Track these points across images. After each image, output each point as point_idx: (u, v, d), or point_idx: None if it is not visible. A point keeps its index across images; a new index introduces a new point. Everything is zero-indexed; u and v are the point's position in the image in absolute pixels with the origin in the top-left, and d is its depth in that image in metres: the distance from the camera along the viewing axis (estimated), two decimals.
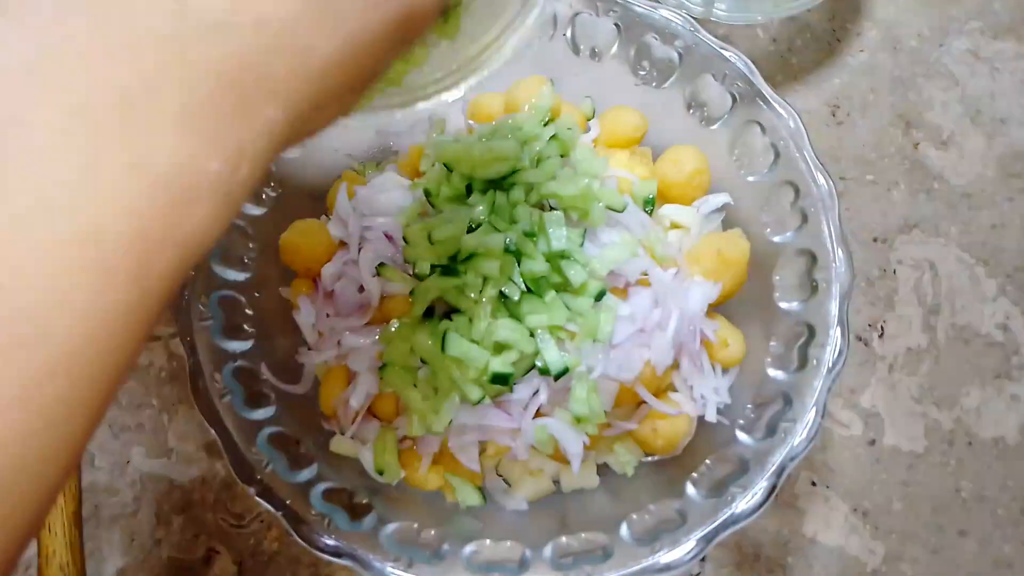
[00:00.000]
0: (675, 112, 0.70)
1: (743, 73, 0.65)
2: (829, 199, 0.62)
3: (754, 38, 0.90)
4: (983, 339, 0.79)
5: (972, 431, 0.76)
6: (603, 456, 0.66)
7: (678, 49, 0.67)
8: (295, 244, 0.66)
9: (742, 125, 0.66)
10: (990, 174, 0.85)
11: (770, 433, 0.58)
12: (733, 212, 0.68)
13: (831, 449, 0.76)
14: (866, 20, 0.91)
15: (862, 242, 0.82)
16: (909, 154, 0.86)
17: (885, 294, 0.81)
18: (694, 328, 0.63)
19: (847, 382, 0.78)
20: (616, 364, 0.60)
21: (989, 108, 0.87)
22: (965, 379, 0.78)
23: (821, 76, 0.88)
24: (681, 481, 0.60)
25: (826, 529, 0.73)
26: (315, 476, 0.59)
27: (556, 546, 0.57)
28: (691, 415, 0.63)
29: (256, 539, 0.73)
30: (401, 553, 0.55)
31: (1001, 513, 0.74)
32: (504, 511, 0.65)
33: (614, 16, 0.68)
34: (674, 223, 0.68)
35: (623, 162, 0.69)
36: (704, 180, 0.68)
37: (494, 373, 0.57)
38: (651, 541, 0.55)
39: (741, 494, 0.55)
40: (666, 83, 0.69)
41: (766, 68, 0.88)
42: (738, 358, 0.65)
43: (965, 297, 0.81)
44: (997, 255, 0.82)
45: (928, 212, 0.84)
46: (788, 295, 0.64)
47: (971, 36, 0.90)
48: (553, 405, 0.61)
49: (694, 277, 0.65)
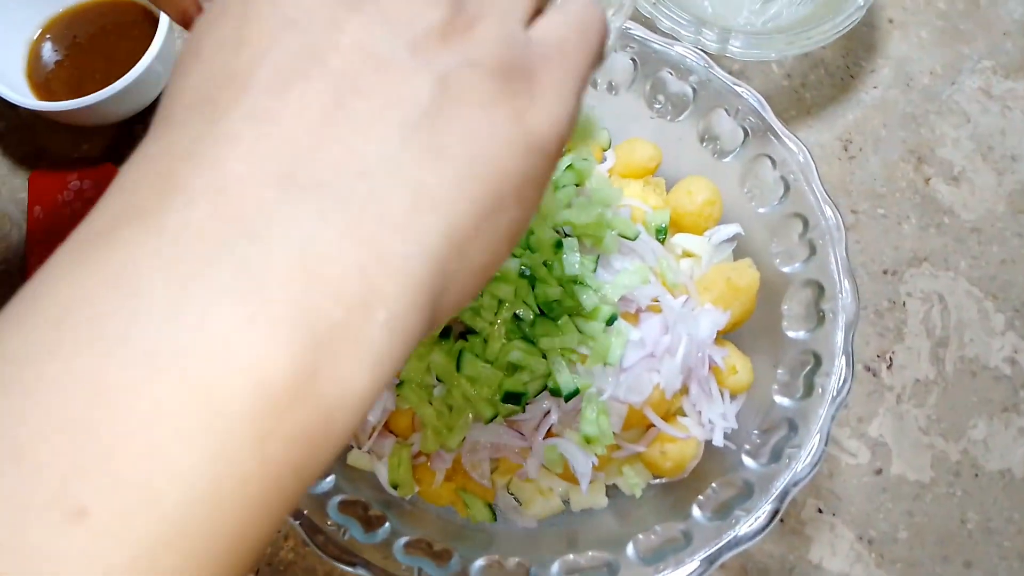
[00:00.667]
0: (689, 145, 0.72)
1: (755, 108, 0.67)
2: (837, 231, 0.64)
3: (768, 73, 0.92)
4: (991, 372, 0.80)
5: (979, 463, 0.77)
6: (612, 478, 0.67)
7: (692, 84, 0.70)
8: None
9: (753, 158, 0.68)
10: (1000, 210, 0.86)
11: (775, 458, 0.60)
12: (744, 242, 0.70)
13: (838, 477, 0.77)
14: (879, 57, 0.93)
15: (872, 274, 0.84)
16: (920, 189, 0.87)
17: (894, 325, 0.82)
18: (703, 354, 0.65)
19: (855, 411, 0.79)
20: (626, 387, 0.62)
21: (1000, 145, 0.89)
22: (972, 411, 0.79)
23: (834, 111, 0.90)
24: (687, 503, 0.61)
25: (831, 556, 0.74)
26: (332, 488, 0.61)
27: (563, 563, 0.59)
28: (699, 439, 0.65)
29: (272, 548, 0.75)
30: (413, 565, 0.57)
31: (1007, 545, 0.75)
32: (514, 528, 0.67)
33: (631, 51, 0.71)
34: (686, 251, 0.70)
35: (637, 192, 0.71)
36: (716, 211, 0.70)
37: (507, 392, 0.59)
38: (656, 561, 0.57)
39: (745, 517, 0.57)
40: (680, 116, 0.72)
41: (779, 103, 0.90)
42: (746, 385, 0.66)
43: (973, 330, 0.82)
44: (1006, 289, 0.83)
45: (938, 246, 0.85)
46: (795, 324, 0.65)
47: (983, 74, 0.92)
48: (564, 426, 0.63)
49: (704, 305, 0.66)
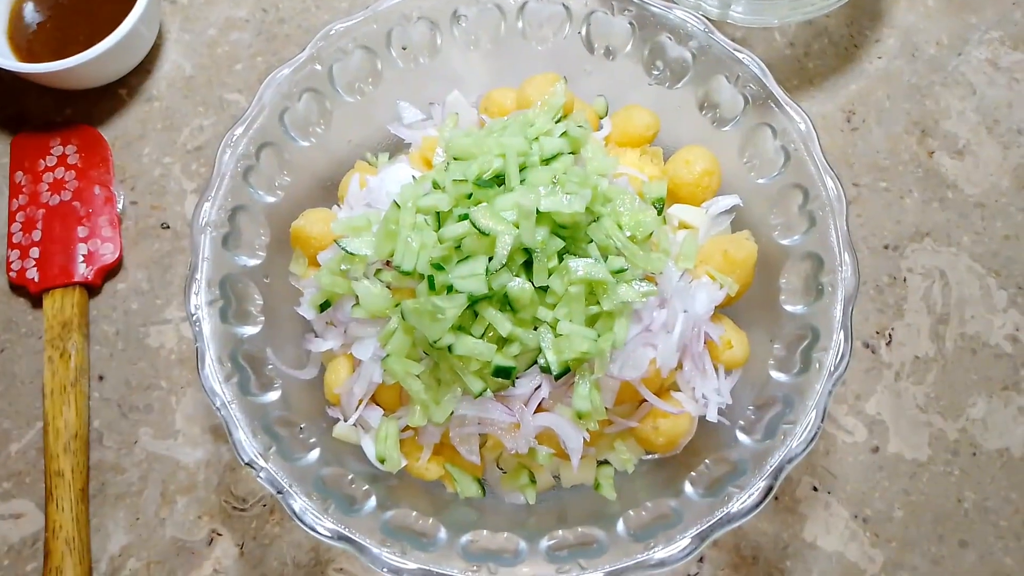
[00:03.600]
0: (687, 113, 0.70)
1: (756, 75, 0.65)
2: (838, 203, 0.62)
3: (771, 41, 0.89)
4: (991, 350, 0.79)
5: (977, 442, 0.76)
6: (604, 453, 0.66)
7: (692, 50, 0.67)
8: (306, 231, 0.66)
9: (753, 127, 0.66)
10: (1005, 184, 0.84)
11: (770, 435, 0.58)
12: (742, 214, 0.69)
13: (834, 455, 0.76)
14: (885, 26, 0.90)
15: (873, 249, 0.82)
16: (923, 162, 0.85)
17: (894, 302, 0.80)
18: (699, 330, 0.63)
19: (852, 388, 0.78)
20: (621, 362, 0.60)
21: (1006, 118, 0.87)
22: (972, 389, 0.78)
23: (837, 81, 0.88)
24: (680, 480, 0.60)
25: (826, 534, 0.73)
26: (317, 461, 0.60)
27: (553, 539, 0.58)
28: (692, 415, 0.63)
29: (258, 522, 0.74)
30: (398, 539, 0.56)
31: (1003, 525, 0.74)
32: (504, 503, 0.65)
33: (629, 15, 0.68)
34: (683, 223, 0.68)
35: (634, 161, 0.69)
36: (714, 181, 0.68)
37: (497, 367, 0.58)
38: (646, 537, 0.56)
39: (738, 494, 0.55)
40: (679, 83, 0.69)
41: (782, 72, 0.88)
42: (741, 360, 0.65)
43: (975, 307, 0.80)
44: (1009, 266, 0.81)
45: (941, 221, 0.83)
46: (793, 298, 0.64)
47: (990, 45, 0.90)
48: (555, 401, 0.61)
49: (701, 277, 0.65)
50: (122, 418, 0.77)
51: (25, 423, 0.78)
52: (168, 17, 0.92)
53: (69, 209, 0.83)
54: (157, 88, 0.90)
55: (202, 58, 0.91)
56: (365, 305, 0.61)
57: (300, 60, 0.67)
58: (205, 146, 0.87)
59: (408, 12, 0.69)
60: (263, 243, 0.66)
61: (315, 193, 0.71)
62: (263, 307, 0.65)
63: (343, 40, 0.68)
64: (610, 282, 0.58)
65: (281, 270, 0.68)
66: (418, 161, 0.70)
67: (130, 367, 0.79)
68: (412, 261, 0.58)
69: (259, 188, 0.66)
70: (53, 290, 0.80)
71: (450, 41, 0.71)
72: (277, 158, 0.68)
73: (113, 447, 0.76)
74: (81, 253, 0.81)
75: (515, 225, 0.56)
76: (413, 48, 0.71)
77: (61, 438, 0.74)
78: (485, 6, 0.70)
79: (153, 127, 0.88)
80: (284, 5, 0.93)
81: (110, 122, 0.88)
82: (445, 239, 0.57)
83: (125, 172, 0.86)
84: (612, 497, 0.64)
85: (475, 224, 0.56)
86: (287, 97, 0.67)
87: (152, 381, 0.79)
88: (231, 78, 0.90)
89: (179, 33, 0.92)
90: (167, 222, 0.84)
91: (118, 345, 0.80)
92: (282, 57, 0.89)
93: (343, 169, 0.73)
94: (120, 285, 0.82)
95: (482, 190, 0.58)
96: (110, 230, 0.83)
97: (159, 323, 0.81)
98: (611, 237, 0.60)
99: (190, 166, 0.86)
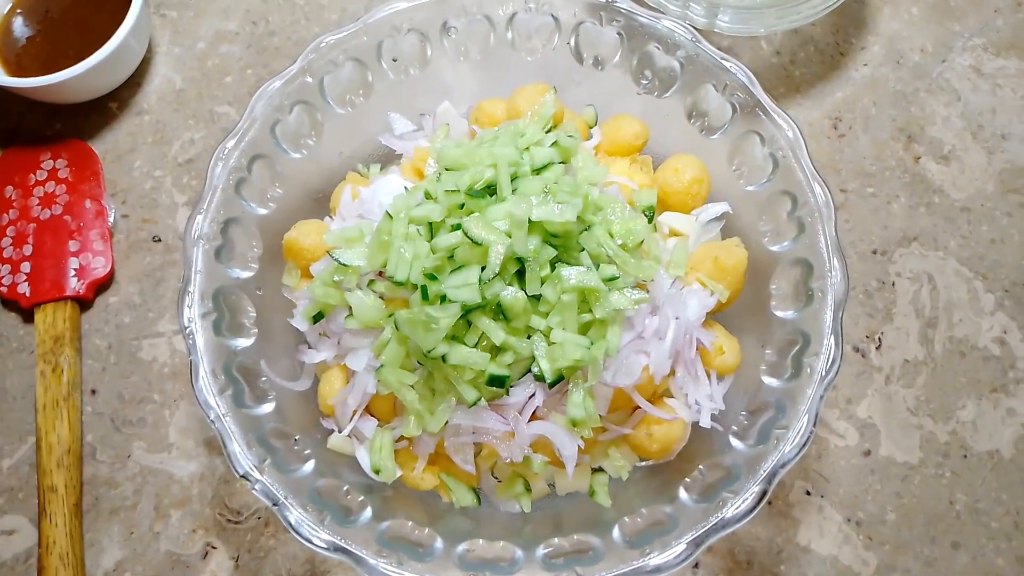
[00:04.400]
0: (676, 121, 0.71)
1: (744, 84, 0.66)
2: (826, 209, 0.63)
3: (757, 50, 0.90)
4: (980, 352, 0.79)
5: (967, 444, 0.77)
6: (598, 460, 0.66)
7: (680, 59, 0.68)
8: (298, 243, 0.66)
9: (742, 135, 0.67)
10: (990, 189, 0.85)
11: (763, 439, 0.59)
12: (732, 221, 0.69)
13: (826, 459, 0.76)
14: (870, 34, 0.92)
15: (861, 254, 0.83)
16: (910, 167, 0.86)
17: (883, 306, 0.81)
18: (691, 337, 0.63)
19: (843, 393, 0.78)
20: (613, 370, 0.60)
21: (990, 124, 0.88)
22: (961, 392, 0.78)
23: (823, 89, 0.89)
24: (674, 486, 0.60)
25: (819, 538, 0.74)
26: (312, 473, 0.60)
27: (549, 547, 0.58)
28: (686, 421, 0.64)
29: (253, 535, 0.74)
30: (394, 550, 0.56)
31: (995, 526, 0.74)
32: (499, 512, 0.65)
33: (617, 25, 0.69)
34: (673, 231, 0.68)
35: (624, 170, 0.70)
36: (703, 189, 0.69)
37: (491, 375, 0.58)
38: (642, 544, 0.56)
39: (732, 499, 0.56)
40: (668, 93, 0.70)
41: (768, 80, 0.89)
42: (733, 366, 0.65)
43: (963, 310, 0.81)
44: (995, 269, 0.82)
45: (927, 225, 0.84)
46: (784, 304, 0.64)
47: (974, 52, 0.91)
48: (549, 409, 0.61)
49: (692, 284, 0.65)
50: (115, 432, 0.77)
51: (17, 438, 0.77)
52: (158, 30, 0.93)
53: (60, 223, 0.83)
54: (148, 101, 0.90)
55: (192, 71, 0.91)
56: (358, 316, 0.61)
57: (291, 72, 0.68)
58: (196, 159, 0.87)
59: (398, 24, 0.70)
60: (256, 255, 0.67)
61: (307, 205, 0.71)
62: (256, 319, 0.65)
63: (334, 52, 0.69)
64: (602, 290, 0.58)
65: (274, 282, 0.68)
66: (410, 172, 0.71)
67: (123, 381, 0.79)
68: (405, 271, 0.58)
69: (251, 200, 0.67)
70: (44, 304, 0.80)
71: (440, 52, 0.72)
72: (269, 170, 0.68)
73: (106, 461, 0.76)
74: (72, 267, 0.81)
75: (507, 235, 0.57)
76: (403, 60, 0.72)
77: (54, 453, 0.73)
78: (474, 18, 0.71)
79: (144, 140, 0.88)
80: (274, 18, 0.93)
81: (101, 136, 0.88)
82: (438, 249, 0.58)
83: (116, 186, 0.86)
84: (607, 504, 0.64)
85: (468, 234, 0.57)
86: (278, 109, 0.67)
87: (145, 394, 0.78)
88: (221, 91, 0.90)
89: (169, 46, 0.92)
90: (158, 235, 0.84)
91: (110, 359, 0.80)
92: (273, 70, 0.90)
93: (335, 180, 0.73)
94: (112, 299, 0.82)
95: (474, 200, 0.59)
96: (101, 244, 0.83)
97: (151, 336, 0.80)
98: (602, 245, 0.60)
99: (181, 179, 0.86)
